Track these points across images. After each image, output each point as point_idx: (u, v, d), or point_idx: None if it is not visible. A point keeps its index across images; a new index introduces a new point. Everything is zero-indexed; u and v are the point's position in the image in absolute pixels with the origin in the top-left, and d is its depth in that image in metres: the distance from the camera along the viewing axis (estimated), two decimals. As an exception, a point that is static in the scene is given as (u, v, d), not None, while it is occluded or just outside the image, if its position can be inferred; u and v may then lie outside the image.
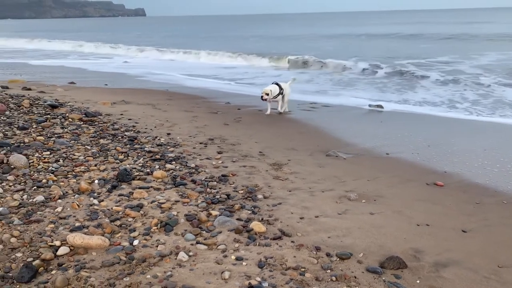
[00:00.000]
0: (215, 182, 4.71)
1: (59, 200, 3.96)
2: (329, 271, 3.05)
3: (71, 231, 3.40)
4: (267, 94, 8.86)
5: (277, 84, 9.18)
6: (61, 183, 4.37)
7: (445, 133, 7.60)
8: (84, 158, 5.17)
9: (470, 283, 3.03)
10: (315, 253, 3.29)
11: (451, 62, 18.45)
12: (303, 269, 3.04)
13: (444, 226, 3.93)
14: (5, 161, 4.74)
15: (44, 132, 6.11)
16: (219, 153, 5.93)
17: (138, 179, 4.60)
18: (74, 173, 4.66)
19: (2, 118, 6.70)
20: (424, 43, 29.42)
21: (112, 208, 3.86)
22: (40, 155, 5.10)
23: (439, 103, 10.65)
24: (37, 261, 2.95)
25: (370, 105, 9.86)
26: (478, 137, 7.27)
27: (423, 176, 5.32)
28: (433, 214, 4.19)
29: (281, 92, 9.04)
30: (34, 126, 6.38)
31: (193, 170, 5.06)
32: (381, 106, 9.71)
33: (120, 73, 17.91)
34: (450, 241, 3.64)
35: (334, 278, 2.95)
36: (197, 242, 3.36)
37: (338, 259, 3.23)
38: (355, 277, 2.99)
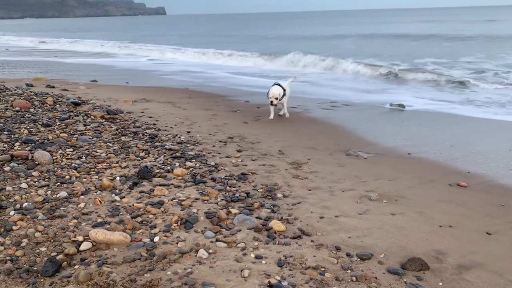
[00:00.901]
0: (235, 180, 4.72)
1: (82, 196, 4.03)
2: (349, 271, 3.02)
3: (94, 226, 3.46)
4: (277, 99, 8.28)
5: (278, 85, 8.57)
6: (84, 180, 4.45)
7: (469, 132, 7.45)
8: (106, 155, 5.24)
9: (494, 287, 2.96)
10: (335, 253, 3.27)
11: (478, 61, 17.98)
12: (323, 269, 3.02)
13: (467, 228, 3.85)
14: (30, 157, 4.85)
15: (67, 129, 6.23)
16: (238, 151, 5.94)
17: (159, 177, 4.65)
18: (96, 169, 4.74)
19: (27, 115, 6.86)
20: (444, 42, 28.69)
21: (133, 205, 3.91)
22: (63, 152, 5.21)
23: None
24: (60, 256, 3.01)
25: (391, 104, 9.73)
26: (503, 137, 7.10)
27: (446, 177, 5.23)
28: (456, 216, 4.11)
29: (284, 93, 8.50)
30: (57, 123, 6.51)
31: (213, 168, 5.08)
32: (402, 105, 9.57)
33: (149, 70, 18.12)
34: (473, 243, 3.57)
35: (354, 279, 2.92)
36: (217, 240, 3.37)
37: (359, 259, 3.20)
38: (376, 278, 2.96)
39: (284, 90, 8.50)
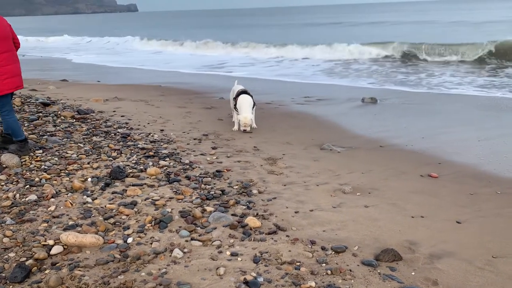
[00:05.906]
0: (210, 178, 4.69)
1: (52, 199, 3.94)
2: (324, 264, 3.05)
3: (65, 229, 3.38)
4: (250, 126, 6.96)
5: (247, 93, 7.17)
6: (54, 182, 4.34)
7: (439, 124, 7.60)
8: (77, 156, 5.13)
9: (464, 274, 3.04)
10: (310, 247, 3.29)
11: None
12: (298, 263, 3.04)
13: (438, 217, 3.95)
14: (-4, 161, 4.70)
15: (36, 131, 6.06)
16: (213, 148, 5.91)
17: (132, 177, 4.58)
18: (67, 171, 4.63)
19: (-7, 117, 6.63)
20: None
21: (105, 206, 3.84)
22: (32, 154, 5.06)
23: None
24: (30, 261, 2.93)
25: (363, 99, 9.84)
26: (473, 127, 7.27)
27: (418, 168, 5.33)
28: (427, 206, 4.20)
29: (254, 104, 7.17)
30: (26, 125, 6.33)
31: (187, 166, 5.04)
32: (375, 99, 9.71)
33: (122, 68, 17.81)
34: (444, 232, 3.66)
35: (329, 272, 2.95)
36: (192, 239, 3.35)
37: (333, 252, 3.24)
38: (350, 270, 2.99)
39: (252, 97, 7.17)
